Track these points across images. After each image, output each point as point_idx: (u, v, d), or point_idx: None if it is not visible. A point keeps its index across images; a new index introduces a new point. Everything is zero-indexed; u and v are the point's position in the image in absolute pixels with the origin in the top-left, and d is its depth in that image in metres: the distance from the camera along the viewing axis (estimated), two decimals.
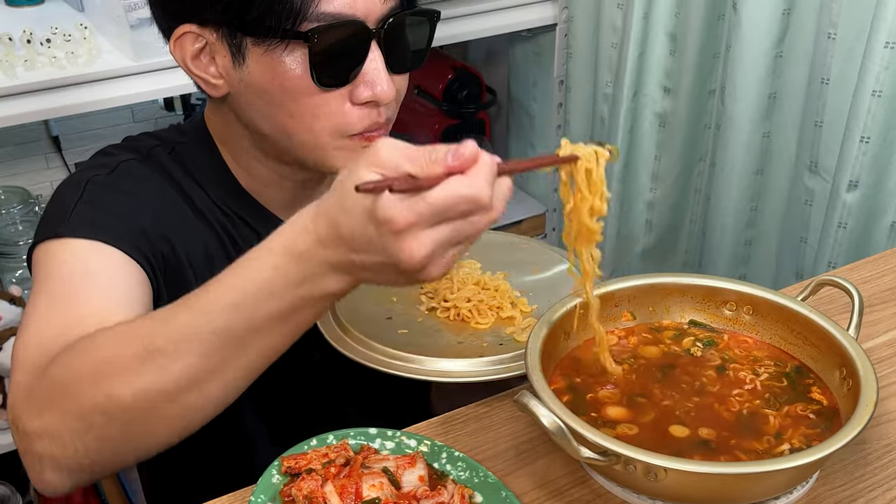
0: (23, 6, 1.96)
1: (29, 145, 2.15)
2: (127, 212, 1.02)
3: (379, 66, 0.99)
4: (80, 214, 0.99)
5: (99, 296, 0.93)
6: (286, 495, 0.83)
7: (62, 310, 0.91)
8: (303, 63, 0.97)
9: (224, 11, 0.96)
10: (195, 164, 1.10)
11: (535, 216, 2.48)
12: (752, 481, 0.83)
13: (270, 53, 0.97)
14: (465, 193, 0.70)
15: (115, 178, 1.05)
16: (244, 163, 1.11)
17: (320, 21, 0.95)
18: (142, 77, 1.71)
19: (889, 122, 1.56)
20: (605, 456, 0.82)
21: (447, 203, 0.70)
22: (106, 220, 1.00)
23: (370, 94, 1.00)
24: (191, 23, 1.00)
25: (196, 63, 1.02)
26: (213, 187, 1.10)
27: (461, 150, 0.70)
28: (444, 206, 0.70)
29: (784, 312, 1.00)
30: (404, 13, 1.00)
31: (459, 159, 0.70)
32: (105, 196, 1.03)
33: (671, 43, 1.98)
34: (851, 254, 1.67)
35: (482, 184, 0.70)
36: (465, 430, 0.99)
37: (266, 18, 0.95)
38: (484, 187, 0.71)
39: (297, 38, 0.96)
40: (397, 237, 0.70)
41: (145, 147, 1.10)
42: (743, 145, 1.85)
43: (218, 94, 1.04)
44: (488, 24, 2.12)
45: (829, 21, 1.61)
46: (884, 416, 1.00)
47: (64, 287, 0.94)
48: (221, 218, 1.10)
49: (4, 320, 1.84)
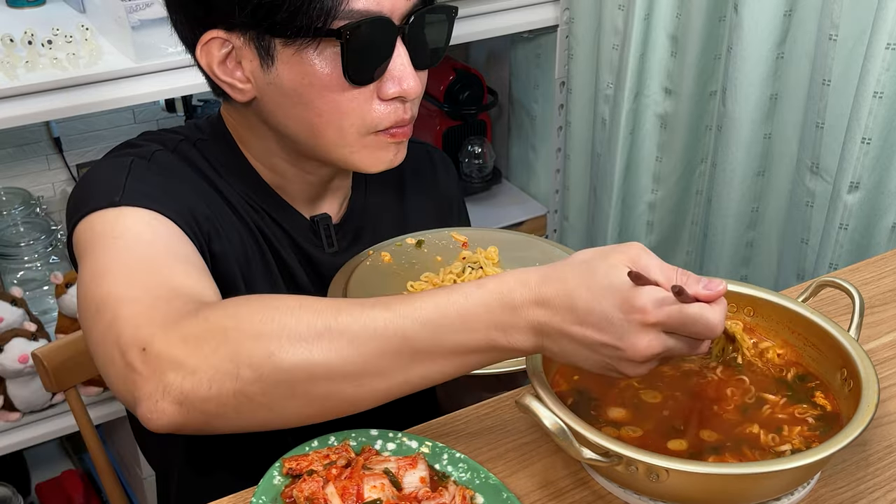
0: (24, 7, 1.96)
1: (30, 146, 2.15)
2: (175, 194, 1.02)
3: (405, 62, 1.00)
4: (134, 189, 0.99)
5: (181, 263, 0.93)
6: (287, 496, 0.83)
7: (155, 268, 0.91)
8: (333, 61, 0.98)
9: (252, 14, 0.96)
10: (217, 159, 1.11)
11: (536, 217, 2.48)
12: (753, 482, 0.83)
13: (300, 53, 0.97)
14: (710, 320, 0.78)
15: (154, 164, 1.05)
16: (266, 160, 1.12)
17: (350, 18, 0.96)
18: (143, 78, 1.71)
19: (890, 124, 1.56)
20: (607, 457, 0.82)
21: (694, 320, 0.77)
22: (160, 196, 1.00)
23: (398, 89, 1.01)
24: (217, 28, 1.00)
25: (222, 68, 1.02)
26: (238, 182, 1.11)
27: (715, 283, 0.79)
28: (691, 321, 0.77)
29: (785, 314, 1.00)
30: (426, 9, 1.01)
31: (712, 291, 0.79)
32: (152, 177, 1.03)
33: (672, 44, 1.98)
34: (852, 255, 1.67)
35: (722, 318, 0.79)
36: (467, 431, 0.99)
37: (296, 18, 0.95)
38: (722, 321, 0.79)
39: (329, 36, 0.96)
40: (642, 328, 0.77)
41: (171, 141, 1.11)
42: (744, 146, 1.85)
43: (244, 99, 1.04)
44: (489, 26, 2.12)
45: (831, 22, 1.61)
46: (885, 418, 1.00)
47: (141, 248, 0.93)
48: (249, 210, 1.11)
49: (6, 322, 1.84)
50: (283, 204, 1.14)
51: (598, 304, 0.77)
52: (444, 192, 1.31)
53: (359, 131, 1.03)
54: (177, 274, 0.91)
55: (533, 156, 2.50)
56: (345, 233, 1.19)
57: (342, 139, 1.03)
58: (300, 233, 1.15)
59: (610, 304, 0.77)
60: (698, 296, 0.78)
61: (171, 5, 1.04)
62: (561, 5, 2.19)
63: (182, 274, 0.92)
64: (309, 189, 1.14)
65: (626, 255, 0.79)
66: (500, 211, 2.48)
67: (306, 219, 1.16)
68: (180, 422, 0.81)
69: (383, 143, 1.05)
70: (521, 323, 0.80)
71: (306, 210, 1.16)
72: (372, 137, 1.04)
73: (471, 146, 2.45)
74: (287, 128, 1.04)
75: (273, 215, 1.13)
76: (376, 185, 1.23)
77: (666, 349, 0.78)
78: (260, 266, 1.11)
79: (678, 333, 0.78)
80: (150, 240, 0.95)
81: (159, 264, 0.92)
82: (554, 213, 2.49)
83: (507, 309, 0.79)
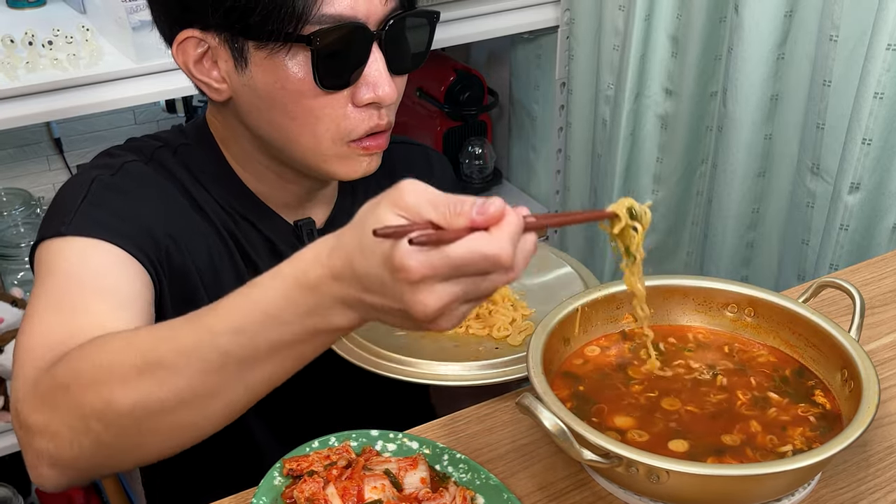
0: (24, 8, 1.96)
1: (31, 147, 2.15)
2: (132, 212, 1.02)
3: (380, 68, 1.00)
4: (84, 213, 0.99)
5: (103, 296, 0.93)
6: (288, 497, 0.83)
7: (67, 309, 0.91)
8: (305, 66, 0.97)
9: (226, 16, 0.97)
10: (198, 165, 1.11)
11: None
12: (754, 483, 0.83)
13: (273, 57, 0.97)
14: (487, 252, 0.67)
15: (120, 178, 1.05)
16: (247, 165, 1.11)
17: (322, 23, 0.95)
18: (143, 79, 1.71)
19: (891, 125, 1.56)
20: (607, 458, 0.82)
21: (466, 259, 0.67)
22: (110, 220, 1.00)
23: (372, 95, 1.00)
24: (193, 28, 1.00)
25: (198, 67, 1.02)
26: (217, 188, 1.11)
27: (487, 205, 0.68)
28: (462, 263, 0.67)
29: (786, 314, 1.00)
30: (405, 14, 1.00)
31: (484, 215, 0.67)
32: (110, 196, 1.03)
33: (673, 45, 1.98)
34: (853, 256, 1.67)
35: (505, 243, 0.67)
36: (467, 432, 0.99)
37: (268, 22, 0.95)
38: (506, 247, 0.67)
39: (299, 42, 0.96)
40: (412, 287, 0.68)
41: (148, 149, 1.10)
42: (745, 147, 1.85)
43: (220, 98, 1.04)
44: (490, 26, 2.12)
45: (831, 23, 1.61)
46: (886, 419, 1.00)
47: (67, 285, 0.94)
48: (225, 218, 1.10)
49: (6, 322, 1.84)
50: (265, 209, 1.13)
51: (371, 268, 0.69)
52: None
53: (333, 138, 1.02)
54: (91, 313, 0.91)
55: (533, 156, 2.50)
56: None
57: (317, 145, 1.03)
58: (282, 238, 1.14)
59: (378, 266, 0.69)
60: (474, 224, 0.67)
61: (151, 3, 1.05)
62: (561, 6, 2.19)
63: (96, 312, 0.91)
64: (290, 196, 1.14)
65: (390, 199, 0.69)
66: None
67: (290, 224, 1.15)
68: (65, 481, 0.84)
69: (355, 155, 1.04)
70: (327, 303, 0.73)
71: (290, 215, 1.15)
72: (346, 148, 1.03)
73: (471, 147, 2.45)
74: (264, 131, 1.04)
75: (254, 221, 1.12)
76: (366, 186, 1.22)
77: (451, 297, 0.69)
78: (230, 275, 1.10)
79: (459, 276, 0.69)
80: (78, 276, 0.95)
81: (73, 303, 0.92)
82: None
83: (309, 292, 0.73)
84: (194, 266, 1.07)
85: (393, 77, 1.01)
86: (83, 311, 0.91)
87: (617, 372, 0.99)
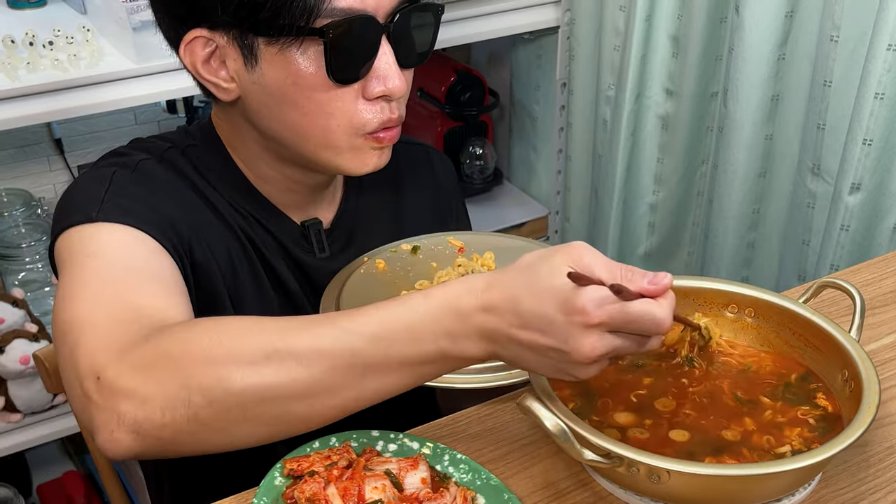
0: (25, 8, 1.96)
1: (31, 148, 2.15)
2: (156, 205, 1.02)
3: (390, 61, 1.00)
4: (114, 203, 0.99)
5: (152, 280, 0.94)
6: (289, 497, 0.83)
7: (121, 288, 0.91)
8: (317, 60, 0.97)
9: (235, 13, 0.96)
10: (207, 165, 1.11)
11: (537, 218, 2.48)
12: (754, 483, 0.83)
13: (284, 53, 0.97)
14: (657, 316, 0.76)
15: (138, 175, 1.05)
16: (253, 166, 1.11)
17: (333, 16, 0.95)
18: (144, 79, 1.71)
19: (891, 125, 1.56)
20: (608, 458, 0.82)
21: (639, 317, 0.76)
22: (141, 211, 1.00)
23: (383, 88, 1.00)
24: (200, 27, 0.99)
25: (206, 68, 1.02)
26: (227, 188, 1.11)
27: (660, 277, 0.77)
28: (635, 319, 0.76)
29: (786, 315, 1.00)
30: (411, 7, 1.01)
31: (657, 286, 0.77)
32: (134, 189, 1.03)
33: (673, 45, 1.98)
34: (854, 256, 1.67)
35: (669, 313, 0.77)
36: (468, 432, 0.99)
37: (279, 17, 0.95)
38: (670, 316, 0.77)
39: (312, 35, 0.96)
40: (585, 330, 0.75)
41: (157, 149, 1.10)
42: (745, 148, 1.85)
43: (229, 98, 1.03)
44: (491, 27, 2.12)
45: (832, 23, 1.61)
46: (886, 419, 1.00)
47: (113, 266, 0.94)
48: (238, 218, 1.11)
49: (7, 323, 1.84)
50: (273, 210, 1.13)
51: (540, 308, 0.76)
52: (443, 193, 1.31)
53: (346, 132, 1.02)
54: (143, 294, 0.92)
55: (534, 157, 2.50)
56: (336, 236, 1.18)
57: (328, 140, 1.03)
58: (290, 239, 1.14)
59: (552, 307, 0.76)
60: (643, 291, 0.76)
61: (155, 4, 1.04)
62: (562, 6, 2.19)
63: (149, 294, 0.92)
64: (297, 196, 1.14)
65: (569, 256, 0.77)
66: (501, 212, 2.48)
67: (297, 224, 1.15)
68: (137, 450, 0.82)
69: (368, 148, 1.04)
70: (469, 330, 0.79)
71: (297, 215, 1.15)
72: (359, 140, 1.03)
73: (472, 147, 2.45)
74: (274, 130, 1.04)
75: (263, 221, 1.12)
76: (370, 185, 1.22)
77: (612, 349, 0.77)
78: (248, 274, 1.10)
79: (624, 332, 0.77)
80: (122, 258, 0.95)
81: (127, 285, 0.92)
82: (555, 214, 2.49)
83: (455, 317, 0.79)
84: (216, 263, 1.07)
85: (402, 70, 1.01)
86: (137, 290, 0.91)
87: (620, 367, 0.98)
